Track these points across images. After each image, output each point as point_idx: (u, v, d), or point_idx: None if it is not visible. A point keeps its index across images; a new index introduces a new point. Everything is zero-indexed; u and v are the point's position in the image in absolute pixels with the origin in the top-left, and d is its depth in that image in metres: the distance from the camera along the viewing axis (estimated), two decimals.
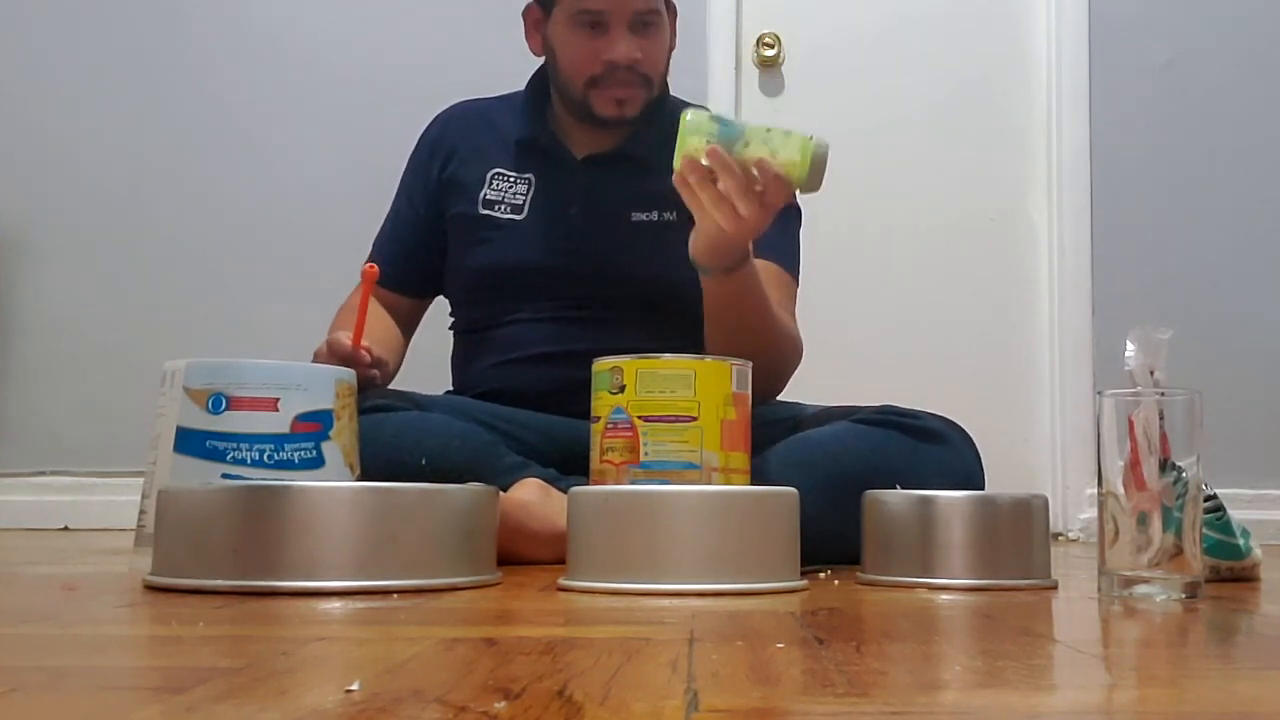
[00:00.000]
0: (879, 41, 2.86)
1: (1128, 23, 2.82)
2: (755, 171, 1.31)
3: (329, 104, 2.79)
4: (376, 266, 1.49)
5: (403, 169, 1.80)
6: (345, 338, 1.47)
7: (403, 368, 1.71)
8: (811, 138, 1.33)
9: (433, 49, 2.77)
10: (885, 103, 2.84)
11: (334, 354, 1.46)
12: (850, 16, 2.87)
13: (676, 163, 1.34)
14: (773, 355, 1.54)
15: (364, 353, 1.47)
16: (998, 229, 2.83)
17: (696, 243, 1.42)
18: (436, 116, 1.79)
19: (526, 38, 1.70)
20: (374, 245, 1.79)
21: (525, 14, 1.69)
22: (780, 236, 1.67)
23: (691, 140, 1.33)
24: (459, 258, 1.70)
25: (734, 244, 1.39)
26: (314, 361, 1.49)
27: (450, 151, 1.73)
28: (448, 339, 1.76)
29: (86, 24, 2.82)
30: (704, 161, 1.32)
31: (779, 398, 1.70)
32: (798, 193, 1.37)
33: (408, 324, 1.77)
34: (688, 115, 1.36)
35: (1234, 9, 2.83)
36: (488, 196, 1.68)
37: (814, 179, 1.33)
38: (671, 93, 1.70)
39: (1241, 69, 2.82)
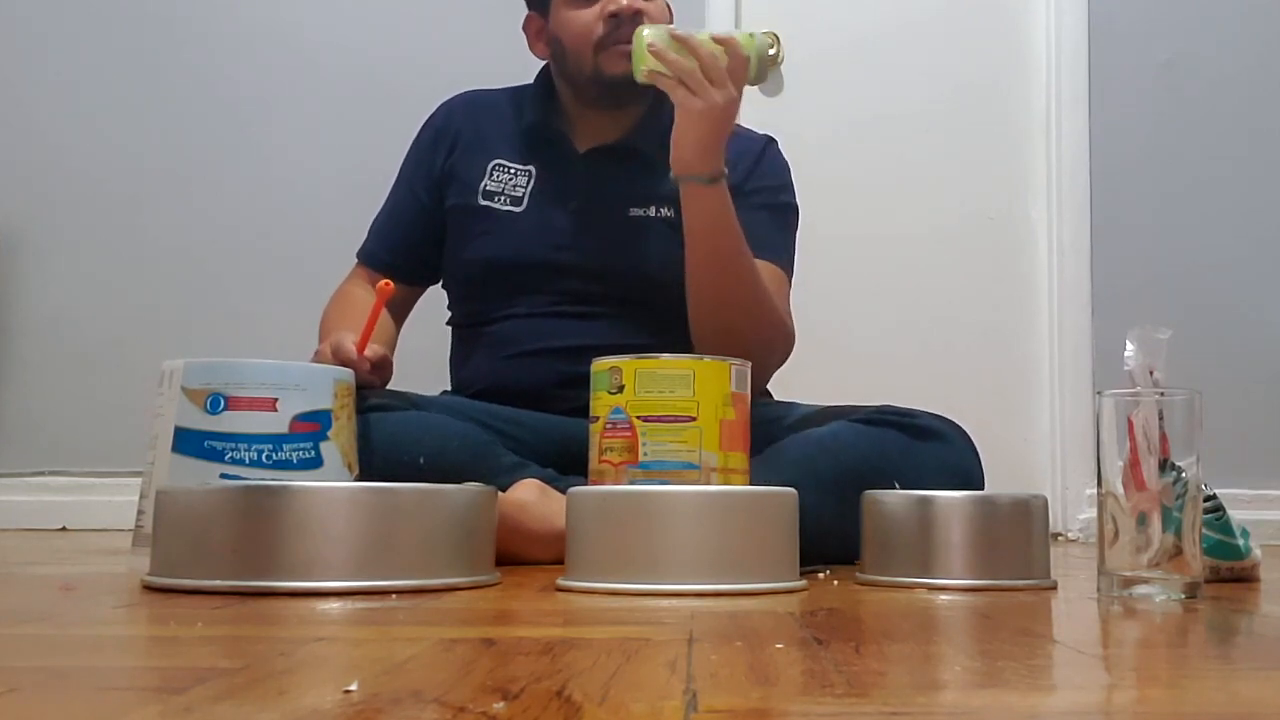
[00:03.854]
0: (878, 41, 2.86)
1: (1128, 23, 2.82)
2: (717, 47, 1.44)
3: (328, 104, 2.79)
4: (392, 284, 1.50)
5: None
6: (349, 343, 1.46)
7: (400, 368, 1.70)
8: (754, 34, 1.51)
9: (432, 49, 2.77)
10: (884, 102, 2.83)
11: (336, 358, 1.46)
12: (850, 16, 2.87)
13: (639, 73, 1.47)
14: (754, 309, 1.55)
15: (366, 361, 1.47)
16: (997, 229, 2.83)
17: (677, 139, 1.48)
18: (442, 104, 1.78)
19: (530, 48, 1.70)
20: (370, 229, 1.78)
21: (526, 26, 1.70)
22: (775, 235, 1.68)
23: (650, 42, 1.46)
24: (457, 249, 1.70)
25: (713, 125, 1.46)
26: (314, 362, 1.49)
27: (454, 140, 1.73)
28: (444, 337, 1.76)
29: (86, 24, 2.81)
30: (670, 50, 1.44)
31: (777, 397, 1.70)
32: (753, 85, 1.51)
33: (399, 312, 1.75)
34: (644, 30, 1.47)
35: (1234, 9, 2.83)
36: (488, 188, 1.68)
37: (761, 68, 1.49)
38: None
39: (1241, 69, 2.82)
